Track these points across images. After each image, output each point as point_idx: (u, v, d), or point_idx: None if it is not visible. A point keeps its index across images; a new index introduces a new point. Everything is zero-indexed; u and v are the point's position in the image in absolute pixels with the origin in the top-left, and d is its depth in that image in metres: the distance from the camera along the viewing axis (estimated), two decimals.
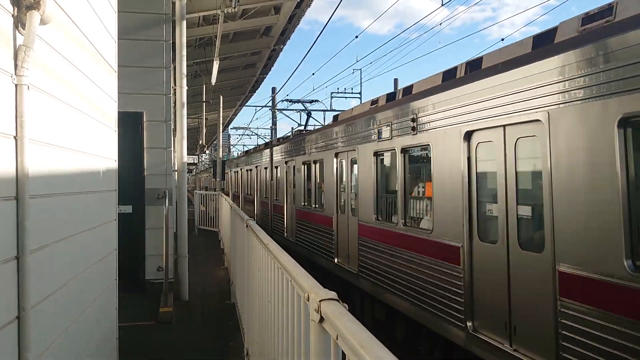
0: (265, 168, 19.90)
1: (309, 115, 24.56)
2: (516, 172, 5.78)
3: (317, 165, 13.18)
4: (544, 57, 5.27)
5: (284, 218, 16.54)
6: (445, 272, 6.82)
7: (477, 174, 6.42)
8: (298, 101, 25.40)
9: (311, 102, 25.60)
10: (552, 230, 5.04)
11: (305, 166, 14.08)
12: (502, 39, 20.11)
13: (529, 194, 5.74)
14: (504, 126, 5.91)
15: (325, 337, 2.03)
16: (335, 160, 11.46)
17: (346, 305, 2.02)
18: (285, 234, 16.23)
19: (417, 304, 7.50)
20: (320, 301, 2.05)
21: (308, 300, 2.25)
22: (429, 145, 7.32)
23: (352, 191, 10.60)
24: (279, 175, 17.52)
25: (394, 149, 8.38)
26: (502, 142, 5.97)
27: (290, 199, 15.76)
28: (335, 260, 11.20)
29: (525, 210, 5.67)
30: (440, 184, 7.04)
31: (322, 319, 2.02)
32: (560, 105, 5.00)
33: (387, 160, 9.16)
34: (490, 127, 6.11)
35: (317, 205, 13.16)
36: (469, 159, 6.48)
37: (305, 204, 14.01)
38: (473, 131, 6.42)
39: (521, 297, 5.56)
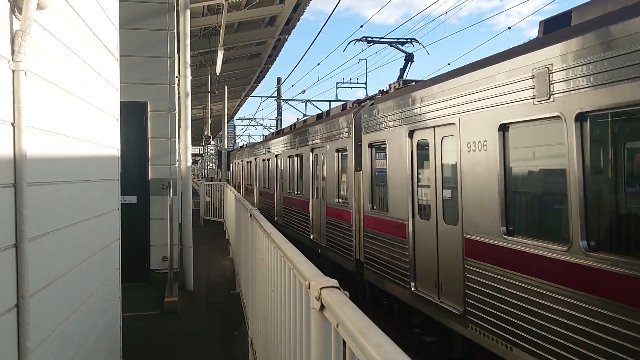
0: (339, 150, 11.57)
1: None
2: None
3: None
4: None
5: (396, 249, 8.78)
6: None
7: None
8: None
9: None
10: None
11: (412, 142, 8.24)
12: (509, 28, 19.94)
13: None
14: None
15: (325, 325, 2.00)
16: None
17: (347, 292, 1.99)
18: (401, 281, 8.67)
19: None
20: (321, 289, 2.01)
21: (309, 288, 2.21)
22: None
23: None
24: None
25: None
26: None
27: (393, 204, 8.81)
28: None
29: None
30: None
31: (322, 307, 1.99)
32: None
33: None
34: None
35: (448, 219, 7.32)
36: None
37: (425, 215, 7.98)
38: None
39: None
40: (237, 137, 77.48)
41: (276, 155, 18.73)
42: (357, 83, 38.18)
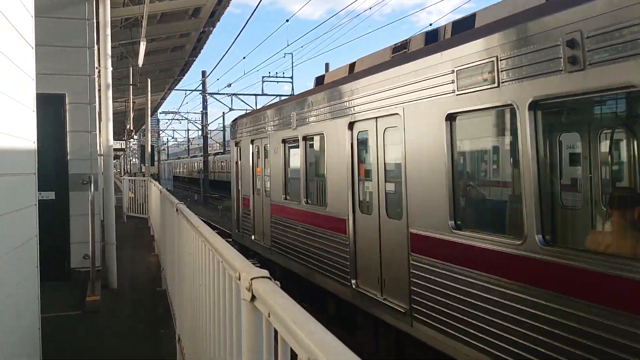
0: None
1: None
2: None
3: None
4: None
5: None
6: None
7: None
8: None
9: None
10: None
11: None
12: (430, 24, 20.49)
13: None
14: None
15: (256, 316, 1.99)
16: None
17: (278, 282, 1.98)
18: None
19: None
20: (251, 279, 2.00)
21: (239, 279, 2.20)
22: None
23: None
24: None
25: None
26: None
27: None
28: None
29: None
30: None
31: (253, 298, 1.98)
32: None
33: None
34: None
35: None
36: None
37: None
38: None
39: None
40: (160, 131, 75.67)
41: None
42: (284, 77, 38.23)
